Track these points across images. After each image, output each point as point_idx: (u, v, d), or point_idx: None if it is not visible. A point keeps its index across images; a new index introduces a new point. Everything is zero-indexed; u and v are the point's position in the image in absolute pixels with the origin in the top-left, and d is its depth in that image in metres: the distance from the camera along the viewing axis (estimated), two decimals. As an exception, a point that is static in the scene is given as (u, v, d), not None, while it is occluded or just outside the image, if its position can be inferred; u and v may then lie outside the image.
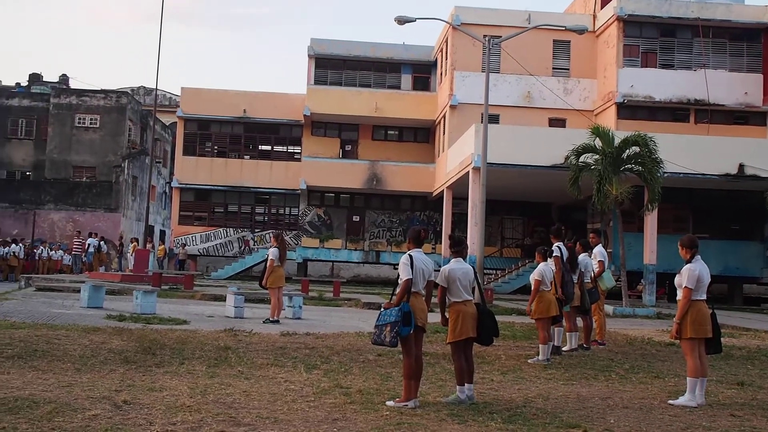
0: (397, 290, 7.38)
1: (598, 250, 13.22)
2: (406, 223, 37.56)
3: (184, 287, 23.32)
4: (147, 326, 12.77)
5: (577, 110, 32.17)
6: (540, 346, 10.95)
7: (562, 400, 8.08)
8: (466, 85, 32.69)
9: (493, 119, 29.20)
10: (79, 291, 17.39)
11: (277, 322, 14.73)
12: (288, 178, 37.52)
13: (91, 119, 43.73)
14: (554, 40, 33.21)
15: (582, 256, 12.53)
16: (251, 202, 38.79)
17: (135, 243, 33.10)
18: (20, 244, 32.45)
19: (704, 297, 8.10)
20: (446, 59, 34.56)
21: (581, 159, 23.01)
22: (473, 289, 7.89)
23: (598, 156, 22.41)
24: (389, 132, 39.36)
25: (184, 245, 37.22)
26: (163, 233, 49.17)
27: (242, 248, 37.62)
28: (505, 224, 36.92)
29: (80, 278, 24.26)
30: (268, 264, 15.05)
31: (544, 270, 10.99)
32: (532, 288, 10.96)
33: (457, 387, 7.66)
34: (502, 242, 36.66)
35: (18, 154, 45.05)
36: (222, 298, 18.59)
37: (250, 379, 8.41)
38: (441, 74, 36.30)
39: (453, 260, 7.88)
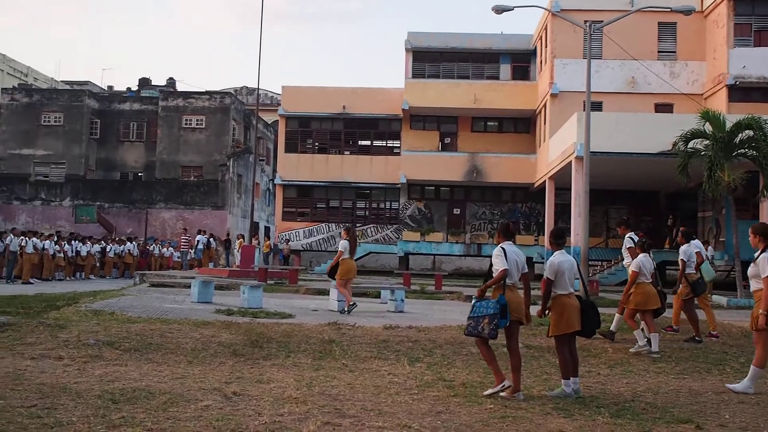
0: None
1: (694, 242, 13.02)
2: (507, 215, 37.16)
3: (289, 282, 23.76)
4: (254, 320, 13.05)
5: (685, 94, 30.96)
6: (651, 335, 10.75)
7: (673, 394, 7.84)
8: (567, 72, 32.01)
9: (596, 107, 28.49)
10: (189, 286, 17.93)
11: (347, 312, 15.09)
12: (388, 173, 37.71)
13: (197, 120, 45.21)
14: (659, 23, 32.08)
15: (684, 247, 12.33)
16: (352, 197, 39.21)
17: (241, 239, 33.98)
18: (134, 242, 33.93)
19: None
20: (546, 47, 33.93)
21: (690, 145, 22.18)
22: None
23: (708, 141, 21.55)
24: (489, 123, 38.99)
25: (288, 241, 37.97)
26: (267, 229, 50.36)
27: (344, 243, 37.98)
28: (611, 214, 35.96)
29: (191, 274, 25.07)
30: (337, 255, 15.53)
31: (642, 261, 10.93)
32: (629, 279, 11.01)
33: (563, 380, 7.56)
34: (608, 233, 35.76)
35: (130, 156, 47.10)
36: (325, 292, 18.84)
37: (354, 371, 8.50)
38: (541, 62, 35.67)
39: (557, 252, 7.82)
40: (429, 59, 38.15)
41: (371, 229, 38.45)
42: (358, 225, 38.33)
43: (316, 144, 39.74)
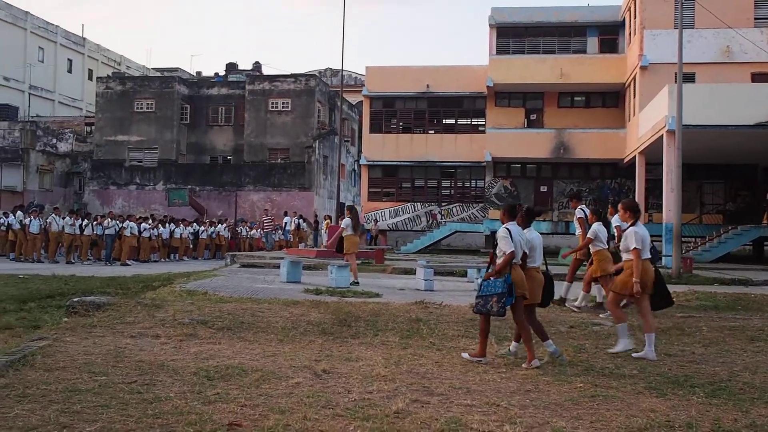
0: (498, 261, 7.81)
1: (615, 219, 13.16)
2: (596, 192, 36.38)
3: (376, 261, 23.94)
4: (342, 299, 13.21)
5: (784, 62, 29.60)
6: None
7: (773, 374, 7.56)
8: (657, 44, 30.98)
9: (688, 78, 27.49)
10: (278, 267, 18.28)
11: (357, 283, 16.10)
12: (473, 151, 37.43)
13: (283, 103, 45.85)
14: (756, -13, 30.76)
15: (595, 226, 12.52)
16: (437, 176, 39.10)
17: (328, 220, 34.36)
18: (224, 224, 34.76)
19: (649, 256, 8.67)
20: (635, 18, 32.92)
21: (790, 115, 21.23)
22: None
23: (809, 111, 20.58)
24: (576, 98, 38.19)
25: (376, 221, 38.18)
26: (353, 210, 50.72)
27: (430, 222, 38.07)
28: (704, 189, 34.80)
29: (279, 255, 25.53)
30: (338, 232, 17.16)
31: (597, 229, 11.69)
32: (582, 244, 12.10)
33: (513, 342, 8.34)
34: (702, 208, 34.63)
35: (220, 140, 48.20)
36: (412, 272, 18.92)
37: (441, 350, 8.52)
38: (629, 34, 34.65)
39: (527, 230, 8.29)
40: (513, 35, 37.54)
41: (457, 208, 38.31)
42: (443, 204, 38.27)
43: (401, 124, 39.73)
